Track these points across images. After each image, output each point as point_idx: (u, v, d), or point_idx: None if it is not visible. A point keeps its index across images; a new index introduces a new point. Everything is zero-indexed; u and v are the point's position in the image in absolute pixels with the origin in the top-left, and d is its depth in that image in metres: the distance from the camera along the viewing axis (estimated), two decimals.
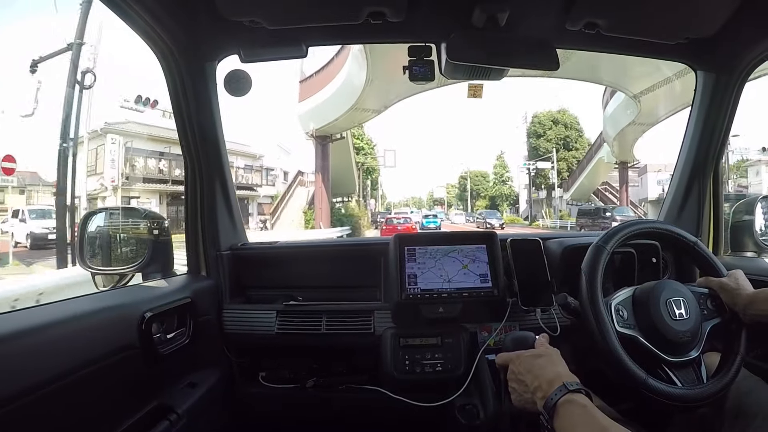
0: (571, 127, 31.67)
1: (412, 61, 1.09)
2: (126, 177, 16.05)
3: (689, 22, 1.01)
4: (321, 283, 1.28)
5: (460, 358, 1.04)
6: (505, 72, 1.07)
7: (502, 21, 0.96)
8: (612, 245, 0.86)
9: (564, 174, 30.20)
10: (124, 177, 15.91)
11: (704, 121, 1.21)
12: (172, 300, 0.95)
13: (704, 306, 0.84)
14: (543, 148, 30.80)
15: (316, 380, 1.15)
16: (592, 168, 26.45)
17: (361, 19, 0.98)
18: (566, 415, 0.57)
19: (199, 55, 1.08)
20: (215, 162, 1.17)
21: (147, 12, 0.89)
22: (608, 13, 0.97)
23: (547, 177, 30.68)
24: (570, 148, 31.26)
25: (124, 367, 0.78)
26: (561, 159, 30.34)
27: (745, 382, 0.84)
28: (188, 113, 1.09)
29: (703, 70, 1.19)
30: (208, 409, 1.03)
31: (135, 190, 16.34)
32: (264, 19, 0.97)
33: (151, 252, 1.09)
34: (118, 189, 15.44)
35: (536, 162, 29.45)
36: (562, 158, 30.52)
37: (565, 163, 30.54)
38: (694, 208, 1.28)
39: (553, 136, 31.14)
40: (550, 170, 29.63)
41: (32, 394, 0.59)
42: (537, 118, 32.01)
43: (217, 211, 1.19)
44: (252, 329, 1.14)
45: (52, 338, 0.66)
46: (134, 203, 14.39)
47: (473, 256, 1.10)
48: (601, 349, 0.77)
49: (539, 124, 31.71)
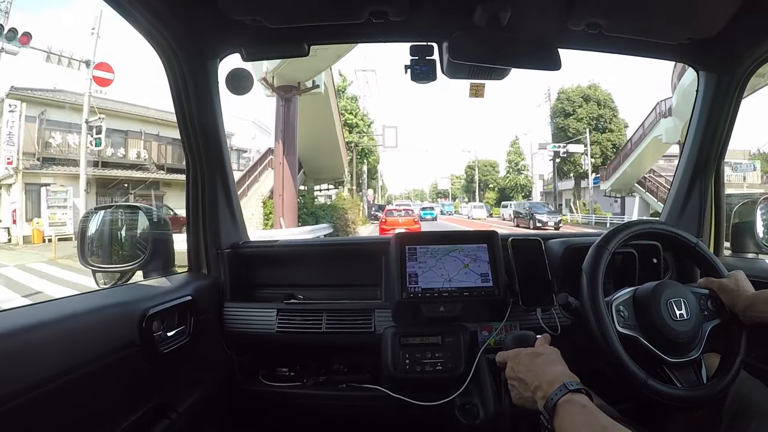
0: (605, 104, 26.11)
1: (413, 61, 1.08)
2: (38, 158, 12.81)
3: (691, 23, 1.01)
4: (322, 282, 1.28)
5: (460, 357, 1.04)
6: (507, 72, 1.07)
7: (504, 20, 0.96)
8: (613, 245, 0.86)
9: (597, 159, 24.87)
10: (36, 158, 12.71)
11: (706, 122, 1.21)
12: (173, 298, 0.95)
13: (705, 307, 0.84)
14: (573, 128, 25.56)
15: (317, 379, 1.15)
16: (642, 151, 19.61)
17: (363, 18, 0.98)
18: (566, 415, 0.57)
19: (201, 54, 1.08)
20: (216, 160, 1.17)
21: (149, 10, 0.89)
22: (610, 14, 0.97)
23: (577, 163, 25.48)
24: (603, 129, 25.75)
25: (125, 365, 0.78)
26: (594, 142, 25.01)
27: (745, 383, 0.84)
28: (189, 111, 1.09)
29: (704, 71, 1.19)
30: (209, 407, 1.03)
31: (48, 174, 12.98)
32: (266, 18, 0.97)
33: (152, 249, 1.09)
34: (19, 172, 12.20)
35: (566, 144, 24.68)
36: (595, 141, 25.14)
37: (598, 147, 25.09)
38: (696, 209, 1.28)
39: (585, 114, 25.74)
40: (582, 155, 24.61)
41: (33, 391, 0.59)
42: (564, 94, 26.93)
43: (219, 209, 1.19)
44: (252, 327, 1.14)
45: (53, 336, 0.66)
46: (44, 192, 12.51)
47: (474, 255, 1.10)
48: (601, 349, 0.77)
49: (567, 101, 26.37)
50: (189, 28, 1.00)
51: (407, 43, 1.11)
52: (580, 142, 24.59)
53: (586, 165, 24.18)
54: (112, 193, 14.65)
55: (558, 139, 25.60)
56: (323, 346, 1.17)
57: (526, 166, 36.15)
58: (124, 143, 15.78)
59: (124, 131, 15.86)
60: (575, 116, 25.97)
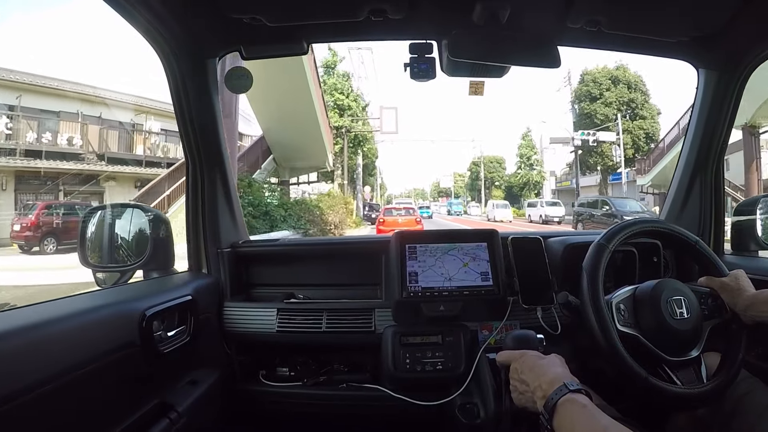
0: (636, 87, 22.31)
1: (413, 59, 1.08)
2: None
3: (691, 20, 1.01)
4: (322, 281, 1.28)
5: (460, 356, 1.04)
6: (506, 69, 1.07)
7: (504, 18, 0.96)
8: (613, 244, 0.85)
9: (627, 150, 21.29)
10: None
11: (706, 120, 1.21)
12: (172, 298, 0.95)
13: (705, 305, 0.84)
14: (601, 114, 21.97)
15: (317, 379, 1.15)
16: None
17: (362, 16, 0.98)
18: (566, 415, 0.57)
19: (200, 52, 1.08)
20: (216, 159, 1.17)
21: (147, 9, 0.89)
22: (609, 11, 0.97)
23: (605, 154, 22.08)
24: (634, 115, 21.85)
25: (125, 364, 0.78)
26: (623, 130, 21.54)
27: (744, 382, 0.84)
28: (189, 110, 1.09)
29: (704, 69, 1.19)
30: (209, 407, 1.03)
31: None
32: (265, 16, 0.97)
33: (151, 249, 1.09)
34: None
35: (596, 132, 20.97)
36: (625, 129, 21.59)
37: (629, 136, 21.36)
38: (696, 207, 1.28)
39: (614, 98, 22.16)
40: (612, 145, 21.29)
41: (33, 391, 0.59)
42: (590, 76, 23.50)
43: (218, 208, 1.19)
44: (252, 327, 1.14)
45: (53, 336, 0.66)
46: None
47: (474, 254, 1.10)
48: (601, 348, 0.77)
49: (593, 83, 22.80)
50: (188, 27, 1.00)
51: (406, 41, 1.11)
52: (609, 129, 21.10)
53: (618, 156, 20.48)
54: (37, 189, 11.79)
55: (582, 127, 22.00)
56: (323, 346, 1.17)
57: (540, 161, 32.60)
58: (57, 127, 12.40)
59: (55, 112, 12.61)
60: (603, 100, 22.28)
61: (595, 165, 22.75)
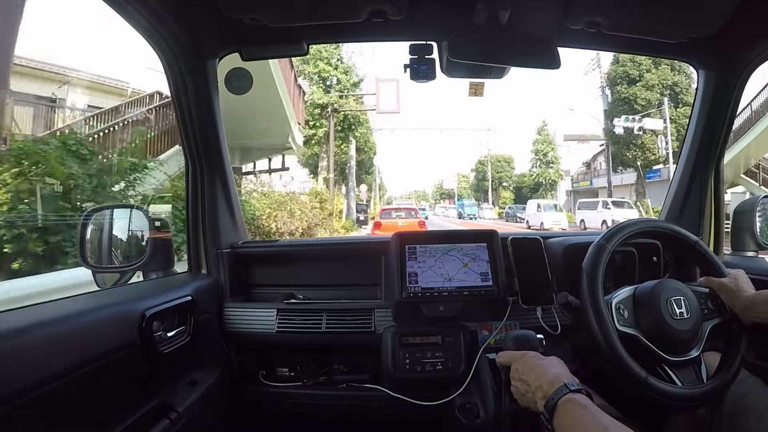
0: (680, 70, 17.71)
1: (413, 60, 1.09)
2: None
3: (691, 21, 1.01)
4: (321, 282, 1.28)
5: (460, 356, 1.04)
6: (506, 70, 1.07)
7: (504, 19, 0.96)
8: (613, 244, 0.85)
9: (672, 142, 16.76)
10: None
11: (705, 120, 1.21)
12: (172, 298, 0.95)
13: (705, 306, 0.84)
14: (641, 99, 17.70)
15: (317, 379, 1.15)
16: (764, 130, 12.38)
17: (362, 17, 0.98)
18: (566, 415, 0.57)
19: (200, 53, 1.08)
20: (216, 159, 1.17)
21: (148, 10, 0.89)
22: (610, 12, 0.97)
23: (646, 147, 17.96)
24: (678, 102, 17.55)
25: (125, 365, 0.78)
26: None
27: (744, 382, 0.84)
28: (189, 110, 1.09)
29: (704, 69, 1.19)
30: (209, 408, 1.03)
31: None
32: (265, 17, 0.97)
33: (151, 249, 1.09)
34: None
35: (642, 118, 16.89)
36: (669, 117, 16.97)
37: (673, 125, 16.90)
38: (696, 207, 1.28)
39: (657, 80, 17.77)
40: (658, 135, 17.39)
41: (33, 392, 0.59)
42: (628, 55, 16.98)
43: (218, 208, 1.19)
44: (252, 327, 1.14)
45: (53, 336, 0.65)
46: None
47: (474, 254, 1.10)
48: (601, 348, 0.77)
49: (632, 63, 18.17)
50: (188, 28, 1.00)
51: (406, 42, 1.11)
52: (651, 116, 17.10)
53: (665, 149, 16.68)
54: None
55: (617, 114, 17.83)
56: (323, 346, 1.17)
57: (557, 157, 28.91)
58: None
59: None
60: (643, 83, 17.90)
61: (633, 160, 18.28)
